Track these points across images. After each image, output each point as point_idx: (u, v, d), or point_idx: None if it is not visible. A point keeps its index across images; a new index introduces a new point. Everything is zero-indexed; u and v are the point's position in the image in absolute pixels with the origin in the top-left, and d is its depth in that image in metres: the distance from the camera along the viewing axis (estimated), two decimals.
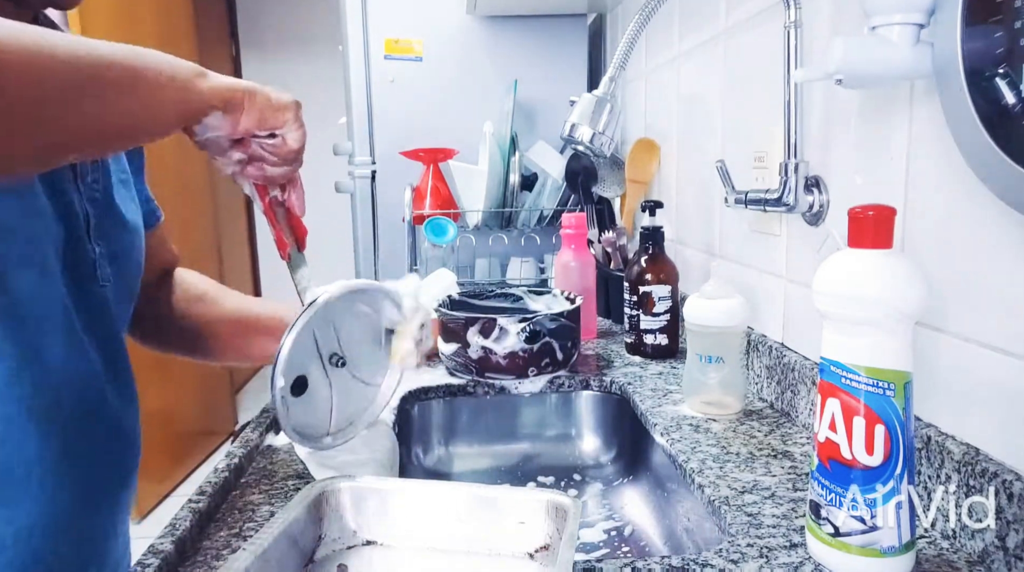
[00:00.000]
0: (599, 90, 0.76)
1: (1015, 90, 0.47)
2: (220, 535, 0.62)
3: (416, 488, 0.62)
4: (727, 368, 0.86)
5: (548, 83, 1.69)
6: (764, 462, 0.73)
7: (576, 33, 1.72)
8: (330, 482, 0.60)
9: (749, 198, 0.84)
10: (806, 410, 0.81)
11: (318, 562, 0.58)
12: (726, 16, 1.03)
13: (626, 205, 1.46)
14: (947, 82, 0.53)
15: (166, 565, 0.54)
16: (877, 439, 0.50)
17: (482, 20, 1.68)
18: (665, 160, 1.36)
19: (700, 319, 0.86)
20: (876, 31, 0.58)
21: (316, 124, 2.96)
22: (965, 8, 0.51)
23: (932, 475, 0.59)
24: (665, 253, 1.11)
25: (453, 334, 1.00)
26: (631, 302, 1.10)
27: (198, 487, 0.66)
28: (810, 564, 0.55)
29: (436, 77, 1.68)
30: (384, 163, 1.69)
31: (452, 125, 1.67)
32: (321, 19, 4.15)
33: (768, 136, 0.89)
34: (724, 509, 0.64)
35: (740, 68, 1.00)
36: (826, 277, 0.53)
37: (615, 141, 0.78)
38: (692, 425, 0.84)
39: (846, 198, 0.75)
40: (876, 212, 0.50)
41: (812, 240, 0.82)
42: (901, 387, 0.50)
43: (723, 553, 0.57)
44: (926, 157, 0.63)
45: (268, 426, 0.84)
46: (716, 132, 1.09)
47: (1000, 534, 0.52)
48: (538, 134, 1.64)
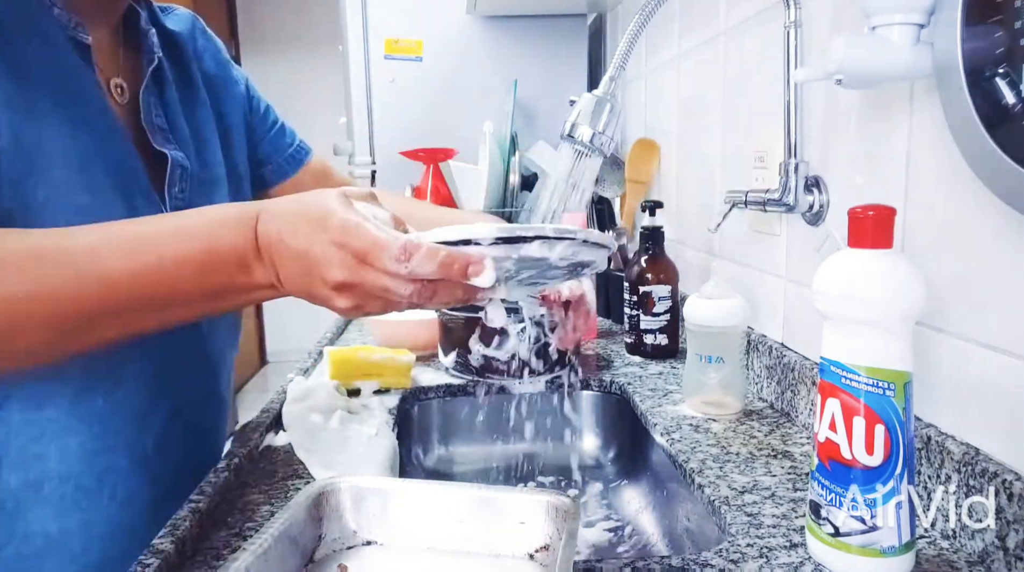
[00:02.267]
0: (599, 90, 0.76)
1: (1015, 90, 0.47)
2: (220, 535, 0.62)
3: (416, 488, 0.62)
4: (727, 368, 0.86)
5: (548, 83, 1.69)
6: (764, 462, 0.73)
7: (576, 33, 1.72)
8: (330, 482, 0.60)
9: (749, 198, 0.84)
10: (806, 410, 0.81)
11: (318, 562, 0.58)
12: (726, 16, 1.03)
13: (626, 205, 1.46)
14: (947, 82, 0.53)
15: (166, 565, 0.54)
16: (877, 439, 0.50)
17: (482, 20, 1.68)
18: (665, 160, 1.36)
19: (700, 319, 0.86)
20: (876, 31, 0.58)
21: (316, 124, 2.97)
22: (965, 8, 0.51)
23: (932, 475, 0.59)
24: (665, 253, 1.11)
25: (453, 335, 1.01)
26: (631, 302, 1.10)
27: (198, 487, 0.66)
28: (810, 564, 0.55)
29: (436, 77, 1.68)
30: (384, 163, 1.69)
31: (452, 125, 1.67)
32: (321, 19, 4.15)
33: (768, 136, 0.89)
34: (724, 509, 0.64)
35: (740, 68, 1.00)
36: (826, 277, 0.53)
37: (615, 141, 0.77)
38: (692, 425, 0.84)
39: (846, 198, 0.75)
40: (876, 212, 0.50)
41: (812, 240, 0.81)
42: (901, 387, 0.50)
43: (723, 553, 0.57)
44: (926, 157, 0.63)
45: (268, 426, 0.84)
46: (716, 132, 1.09)
47: (1000, 534, 0.52)
48: (538, 134, 1.64)
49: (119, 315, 0.53)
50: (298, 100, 4.35)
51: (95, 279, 0.50)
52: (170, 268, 0.51)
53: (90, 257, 0.51)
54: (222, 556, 0.58)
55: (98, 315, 0.51)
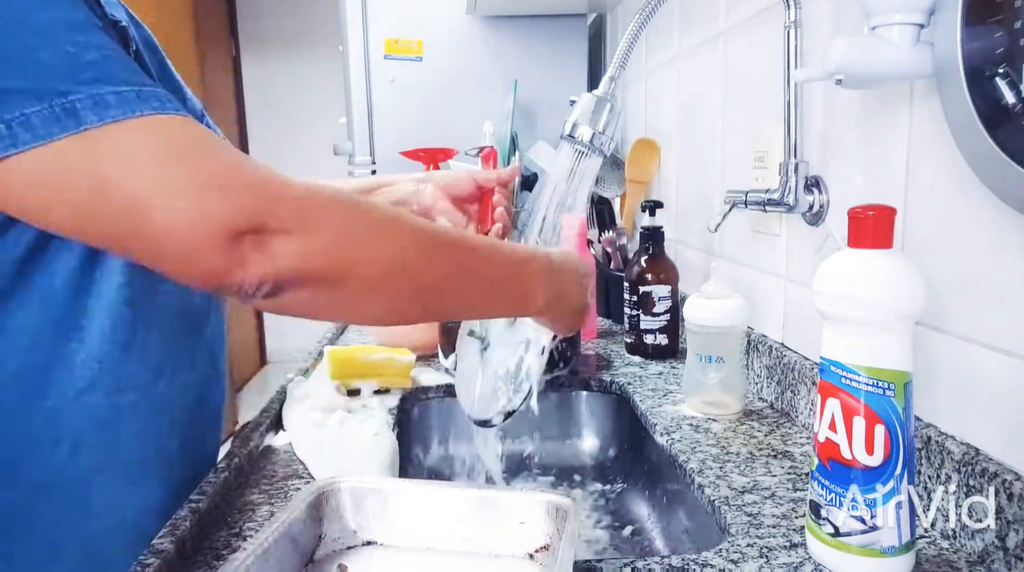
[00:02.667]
0: (599, 90, 0.76)
1: (1015, 90, 0.47)
2: (220, 535, 0.62)
3: (416, 488, 0.62)
4: (727, 368, 0.86)
5: (548, 83, 1.69)
6: (764, 462, 0.73)
7: (576, 33, 1.72)
8: (330, 482, 0.60)
9: (749, 198, 0.84)
10: (806, 410, 0.81)
11: (318, 562, 0.58)
12: (726, 16, 1.03)
13: (626, 205, 1.46)
14: (947, 82, 0.53)
15: (166, 565, 0.54)
16: (877, 439, 0.50)
17: (482, 20, 1.68)
18: (665, 160, 1.36)
19: (700, 319, 0.86)
20: (876, 31, 0.58)
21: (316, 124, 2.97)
22: (965, 8, 0.51)
23: (932, 475, 0.59)
24: (665, 253, 1.11)
25: (453, 335, 1.00)
26: (631, 302, 1.10)
27: (198, 487, 0.66)
28: (810, 564, 0.55)
29: (436, 77, 1.68)
30: (384, 163, 1.69)
31: (452, 125, 1.67)
32: (321, 19, 4.15)
33: (768, 136, 0.89)
34: (724, 509, 0.64)
35: (740, 68, 1.00)
36: (826, 277, 0.53)
37: (615, 141, 0.77)
38: (692, 425, 0.84)
39: (846, 198, 0.75)
40: (876, 212, 0.50)
41: (812, 240, 0.82)
42: (901, 387, 0.50)
43: (723, 553, 0.57)
44: (926, 157, 0.63)
45: (268, 426, 0.84)
46: (716, 132, 1.09)
47: (1000, 534, 0.52)
48: (538, 134, 1.64)
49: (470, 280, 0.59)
50: (298, 100, 4.35)
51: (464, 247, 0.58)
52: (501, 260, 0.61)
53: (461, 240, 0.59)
54: (222, 556, 0.58)
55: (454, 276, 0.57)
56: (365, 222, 0.51)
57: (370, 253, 0.50)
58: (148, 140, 0.46)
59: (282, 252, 0.46)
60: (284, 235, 0.46)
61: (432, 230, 0.56)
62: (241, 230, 0.45)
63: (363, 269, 0.50)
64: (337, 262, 0.49)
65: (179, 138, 0.47)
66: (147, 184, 0.44)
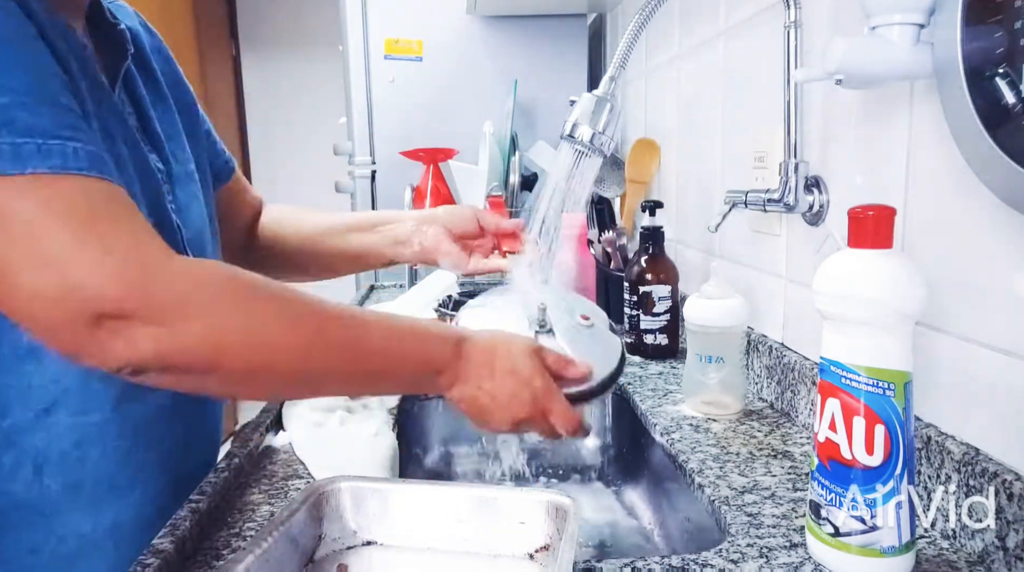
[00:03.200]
0: (599, 90, 0.76)
1: (1015, 90, 0.47)
2: (220, 535, 0.62)
3: (416, 488, 0.62)
4: (727, 368, 0.86)
5: (548, 83, 1.69)
6: (764, 462, 0.73)
7: (576, 33, 1.73)
8: (330, 482, 0.60)
9: (749, 198, 0.84)
10: (806, 410, 0.81)
11: (318, 562, 0.58)
12: (726, 16, 1.03)
13: (626, 205, 1.46)
14: (947, 82, 0.53)
15: (166, 565, 0.54)
16: (877, 439, 0.50)
17: (482, 20, 1.68)
18: (665, 160, 1.36)
19: (700, 319, 0.86)
20: (876, 31, 0.58)
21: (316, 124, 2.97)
22: (965, 8, 0.51)
23: (932, 475, 0.59)
24: (665, 253, 1.11)
25: None
26: (631, 302, 1.10)
27: (198, 487, 0.66)
28: (810, 564, 0.55)
29: (436, 77, 1.68)
30: (384, 163, 1.69)
31: (452, 125, 1.67)
32: (321, 19, 4.14)
33: (768, 136, 0.89)
34: (724, 509, 0.64)
35: (740, 68, 1.00)
36: (826, 277, 0.53)
37: (615, 141, 0.77)
38: (692, 425, 0.84)
39: (846, 198, 0.75)
40: (876, 212, 0.50)
41: (812, 240, 0.81)
42: (901, 387, 0.50)
43: (723, 553, 0.57)
44: (926, 157, 0.63)
45: (268, 426, 0.84)
46: (716, 132, 1.09)
47: (1000, 534, 0.52)
48: (538, 134, 1.65)
49: (340, 378, 0.59)
50: (298, 100, 4.35)
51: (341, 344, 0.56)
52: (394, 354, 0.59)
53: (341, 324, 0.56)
54: (222, 556, 0.58)
55: (321, 374, 0.56)
56: (244, 316, 0.49)
57: (238, 352, 0.49)
58: (29, 201, 0.43)
59: (144, 342, 0.45)
60: (148, 325, 0.44)
61: (315, 324, 0.53)
62: (103, 314, 0.43)
63: (231, 364, 0.49)
64: (201, 359, 0.48)
65: (68, 203, 0.44)
66: (16, 250, 0.43)
